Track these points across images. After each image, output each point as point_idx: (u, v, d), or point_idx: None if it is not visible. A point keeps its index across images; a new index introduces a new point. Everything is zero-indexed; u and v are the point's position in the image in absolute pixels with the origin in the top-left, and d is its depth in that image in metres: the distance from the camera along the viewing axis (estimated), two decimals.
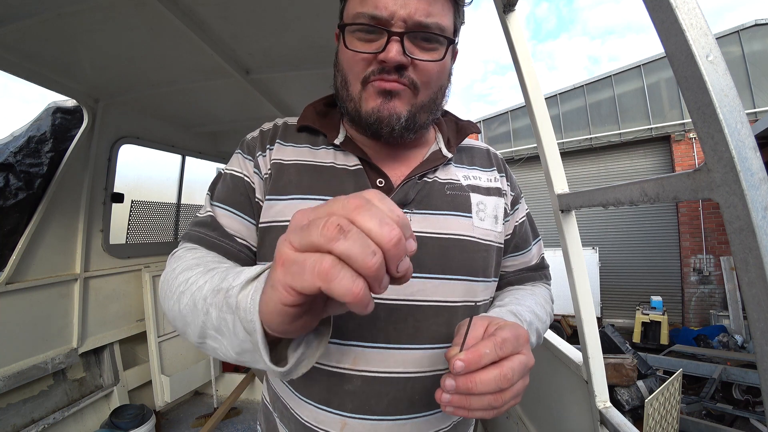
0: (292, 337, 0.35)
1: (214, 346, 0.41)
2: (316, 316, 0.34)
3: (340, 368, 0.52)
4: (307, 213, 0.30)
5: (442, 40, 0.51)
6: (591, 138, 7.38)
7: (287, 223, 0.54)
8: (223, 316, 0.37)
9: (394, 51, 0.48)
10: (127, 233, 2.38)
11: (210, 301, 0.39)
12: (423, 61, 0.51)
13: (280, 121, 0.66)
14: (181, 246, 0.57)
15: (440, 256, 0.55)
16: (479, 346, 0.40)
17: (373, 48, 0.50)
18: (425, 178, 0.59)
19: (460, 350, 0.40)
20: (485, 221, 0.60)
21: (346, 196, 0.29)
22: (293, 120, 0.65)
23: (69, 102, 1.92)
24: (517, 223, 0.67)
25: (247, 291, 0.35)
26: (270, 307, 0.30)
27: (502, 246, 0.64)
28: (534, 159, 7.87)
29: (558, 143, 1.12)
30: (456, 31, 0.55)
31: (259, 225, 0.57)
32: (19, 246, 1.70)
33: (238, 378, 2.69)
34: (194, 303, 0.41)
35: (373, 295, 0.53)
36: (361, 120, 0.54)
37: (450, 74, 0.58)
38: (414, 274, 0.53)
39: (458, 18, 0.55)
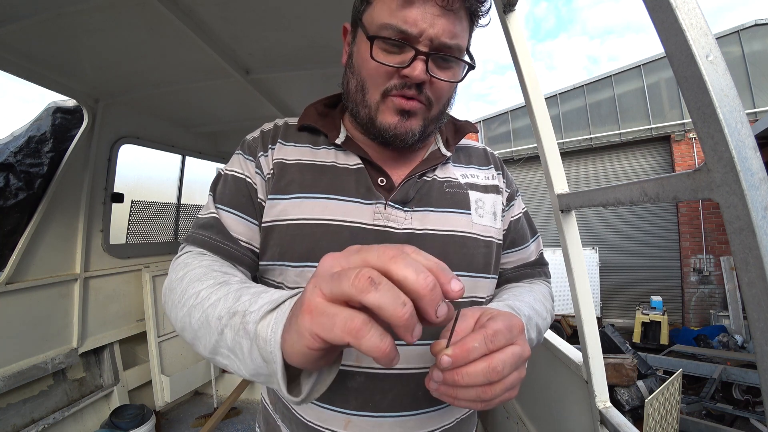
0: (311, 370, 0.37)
1: (224, 363, 0.42)
2: (336, 353, 0.35)
3: (344, 365, 0.52)
4: (339, 259, 0.31)
5: (460, 61, 0.53)
6: (591, 138, 7.38)
7: (289, 221, 0.55)
8: (239, 341, 0.38)
9: (419, 70, 0.50)
10: (127, 233, 2.38)
11: (225, 322, 0.40)
12: (442, 81, 0.53)
13: (280, 122, 0.66)
14: (184, 250, 0.57)
15: (441, 253, 0.55)
16: (467, 340, 0.37)
17: (397, 61, 0.51)
18: (425, 177, 0.60)
19: (447, 345, 0.38)
20: (484, 218, 0.61)
21: (382, 247, 0.30)
22: (294, 120, 0.66)
23: (69, 102, 1.92)
24: (512, 219, 0.68)
25: (267, 322, 0.36)
26: (296, 349, 0.32)
27: (502, 242, 0.64)
28: (534, 159, 7.86)
29: (558, 143, 1.12)
30: (468, 49, 0.57)
31: (262, 224, 0.58)
32: (19, 246, 1.70)
33: (238, 378, 2.69)
34: (207, 320, 0.42)
35: None
36: (374, 128, 0.56)
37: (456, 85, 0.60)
38: None
39: (471, 37, 0.57)
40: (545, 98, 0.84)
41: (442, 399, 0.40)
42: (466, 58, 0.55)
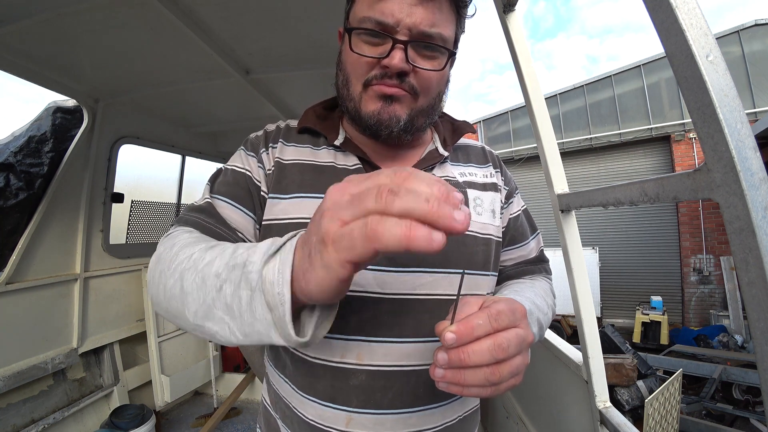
0: (331, 303, 0.37)
1: (214, 330, 0.38)
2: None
3: (345, 363, 0.52)
4: (348, 187, 0.30)
5: (444, 50, 0.53)
6: (591, 138, 7.38)
7: (289, 221, 0.55)
8: (239, 293, 0.36)
9: (397, 58, 0.50)
10: (127, 233, 2.38)
11: (225, 276, 0.37)
12: (424, 69, 0.52)
13: (282, 123, 0.67)
14: (174, 228, 0.55)
15: (440, 251, 0.55)
16: (471, 318, 0.38)
17: (377, 52, 0.52)
18: None
19: (451, 323, 0.38)
20: (483, 215, 0.61)
21: (389, 170, 0.30)
22: (294, 122, 0.67)
23: (69, 102, 1.92)
24: (511, 216, 0.68)
25: (272, 265, 0.34)
26: (325, 286, 0.31)
27: (501, 239, 0.65)
28: (534, 159, 7.86)
29: (558, 143, 1.12)
30: (456, 41, 0.57)
31: (262, 222, 0.58)
32: (19, 246, 1.70)
33: (238, 378, 2.69)
34: (203, 279, 0.39)
35: (377, 291, 0.53)
36: (360, 120, 0.56)
37: (448, 80, 0.60)
38: (415, 269, 0.55)
39: (459, 28, 0.57)
40: (545, 98, 0.84)
41: (450, 390, 0.39)
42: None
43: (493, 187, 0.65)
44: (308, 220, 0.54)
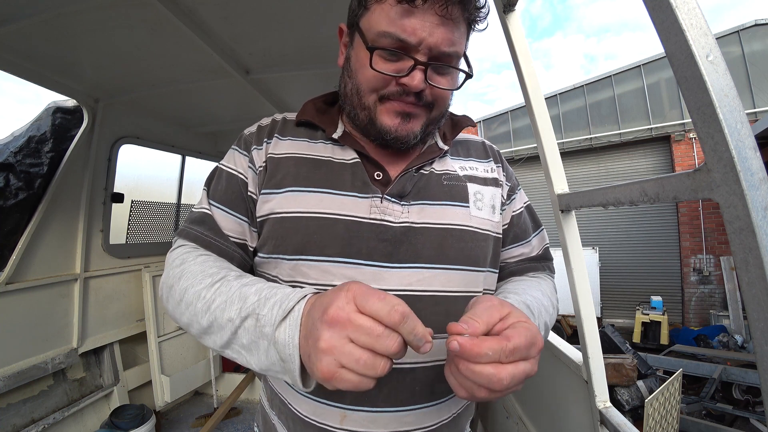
0: None
1: (234, 356, 0.46)
2: None
3: None
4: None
5: (459, 69, 0.55)
6: (591, 138, 7.38)
7: (284, 215, 0.55)
8: (256, 341, 0.42)
9: (417, 79, 0.50)
10: (127, 233, 2.38)
11: (238, 323, 0.44)
12: (441, 88, 0.54)
13: (279, 116, 0.67)
14: (177, 243, 0.59)
15: (438, 246, 0.56)
16: (484, 345, 0.37)
17: (394, 69, 0.52)
18: (422, 171, 0.60)
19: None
20: (483, 210, 0.61)
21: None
22: (292, 115, 0.66)
23: (69, 102, 1.92)
24: (514, 213, 0.67)
25: (283, 329, 0.41)
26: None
27: (501, 236, 0.64)
28: (534, 159, 7.86)
29: (558, 143, 1.12)
30: (465, 52, 0.58)
31: (257, 219, 0.58)
32: (19, 246, 1.70)
33: (238, 378, 2.69)
34: (216, 321, 0.46)
35: (375, 287, 0.54)
36: (374, 130, 0.56)
37: None
38: (412, 265, 0.54)
39: (467, 40, 0.57)
40: (545, 98, 0.84)
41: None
42: (463, 64, 0.56)
43: (494, 182, 0.65)
44: (302, 214, 0.54)
